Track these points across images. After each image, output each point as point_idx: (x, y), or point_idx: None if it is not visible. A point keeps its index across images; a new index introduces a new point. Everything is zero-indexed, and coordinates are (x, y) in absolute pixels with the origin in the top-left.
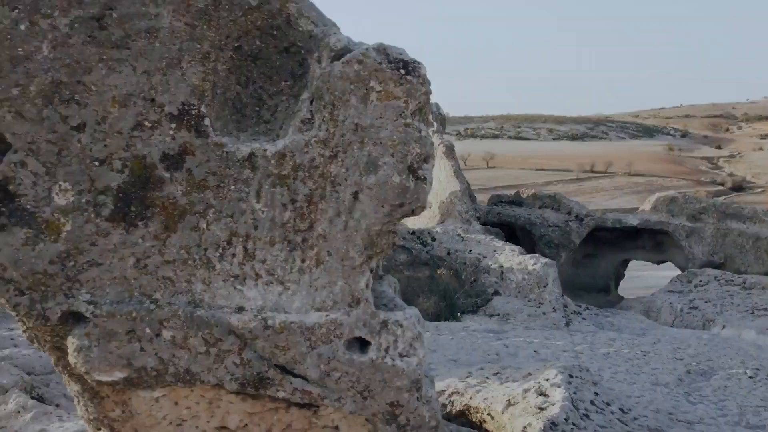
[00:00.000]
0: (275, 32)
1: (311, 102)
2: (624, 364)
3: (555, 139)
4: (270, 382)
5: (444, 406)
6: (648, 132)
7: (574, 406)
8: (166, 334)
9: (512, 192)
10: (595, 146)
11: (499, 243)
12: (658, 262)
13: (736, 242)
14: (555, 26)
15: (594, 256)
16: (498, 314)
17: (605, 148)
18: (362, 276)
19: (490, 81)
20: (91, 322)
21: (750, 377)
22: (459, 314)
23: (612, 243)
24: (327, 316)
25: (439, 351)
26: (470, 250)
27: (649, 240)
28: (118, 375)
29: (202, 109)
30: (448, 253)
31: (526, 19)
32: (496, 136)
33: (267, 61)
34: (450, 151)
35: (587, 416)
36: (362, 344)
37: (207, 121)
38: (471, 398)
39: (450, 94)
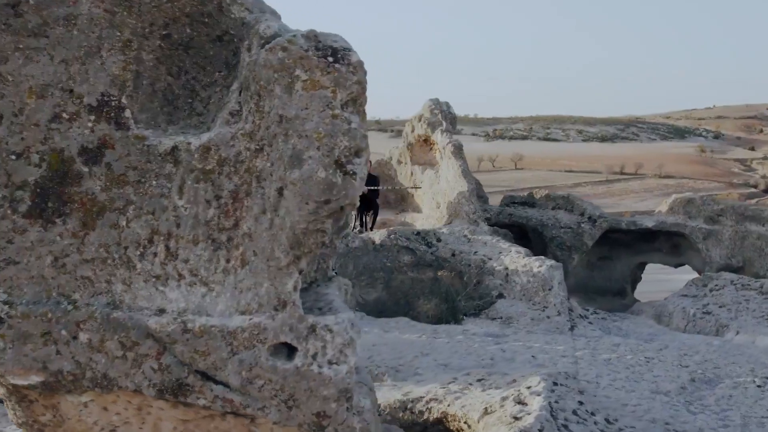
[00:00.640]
0: (207, 19)
1: (240, 93)
2: (625, 370)
3: (584, 141)
4: (190, 389)
5: (421, 413)
6: (679, 133)
7: (552, 415)
8: (83, 336)
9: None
10: (625, 148)
11: (505, 244)
12: (676, 265)
13: (755, 245)
14: (586, 25)
15: (609, 258)
16: (501, 317)
17: (635, 149)
18: (289, 278)
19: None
20: (5, 323)
21: (758, 386)
22: (461, 317)
23: (627, 245)
24: (250, 319)
25: (431, 355)
26: (475, 252)
27: (665, 242)
28: (35, 379)
29: (123, 100)
30: (453, 255)
31: (557, 18)
32: (524, 138)
33: (200, 50)
34: (458, 150)
35: (566, 427)
36: (290, 350)
37: (128, 113)
38: (449, 405)
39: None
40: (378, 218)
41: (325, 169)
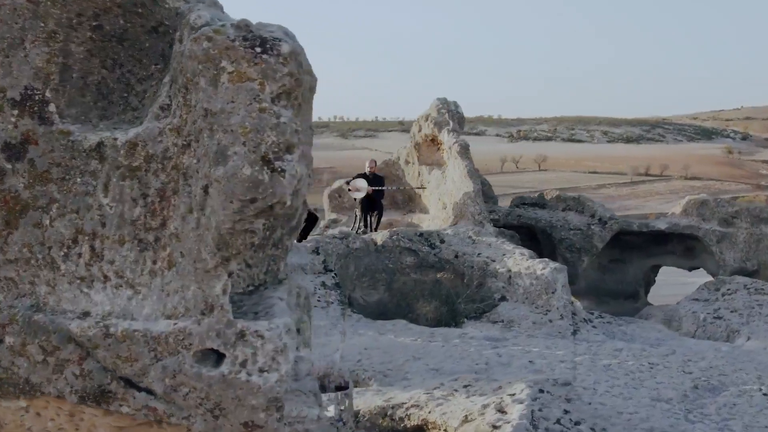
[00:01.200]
0: (140, 10)
1: (171, 86)
2: (624, 377)
3: (609, 142)
4: (112, 396)
5: (401, 419)
6: (706, 134)
7: (533, 424)
8: (7, 339)
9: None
10: (650, 149)
11: (509, 246)
12: (690, 269)
13: None
14: (612, 24)
15: (621, 261)
16: (502, 321)
17: (661, 150)
18: (217, 280)
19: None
20: None
21: (764, 394)
22: (461, 320)
23: (640, 248)
24: (175, 324)
25: (424, 359)
26: (479, 254)
27: (679, 245)
28: None
29: (47, 93)
30: (456, 256)
31: (581, 17)
32: (549, 139)
33: (135, 42)
34: (464, 150)
35: None
36: (220, 357)
37: (52, 107)
38: (430, 412)
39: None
40: (384, 219)
41: (251, 165)
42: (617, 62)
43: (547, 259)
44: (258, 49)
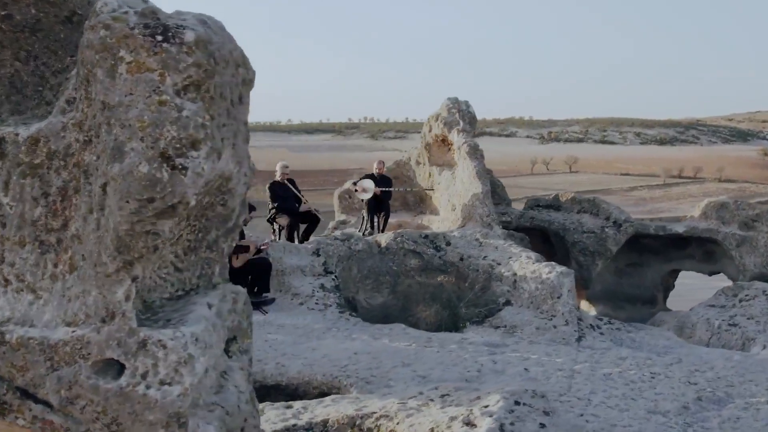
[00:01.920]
0: None
1: (77, 78)
2: (623, 387)
3: (642, 143)
4: (8, 408)
5: (369, 430)
6: (742, 136)
7: None
8: None
9: (590, 196)
10: (684, 151)
11: (516, 249)
12: (710, 273)
13: None
14: (646, 24)
15: (639, 264)
16: (505, 326)
17: (695, 152)
18: (119, 285)
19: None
20: None
21: None
22: (463, 325)
23: (657, 251)
24: (74, 332)
25: (413, 365)
26: (485, 257)
27: (698, 249)
28: None
29: None
30: (461, 259)
31: (614, 17)
32: (580, 140)
33: (49, 32)
34: (474, 151)
35: None
36: (122, 368)
37: None
38: (398, 424)
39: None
40: (394, 220)
41: (148, 162)
42: (652, 63)
43: (553, 263)
44: (159, 38)
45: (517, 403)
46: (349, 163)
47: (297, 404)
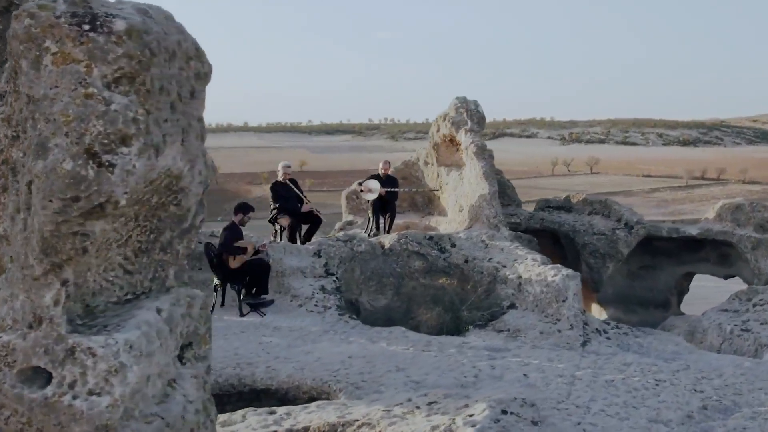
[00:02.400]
0: None
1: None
2: (625, 394)
3: (665, 144)
4: None
5: None
6: (766, 137)
7: None
8: None
9: (611, 198)
10: (707, 152)
11: (522, 251)
12: (726, 277)
13: None
14: (669, 24)
15: (652, 267)
16: (508, 330)
17: (719, 153)
18: (47, 289)
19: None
20: None
21: None
22: (465, 328)
23: (671, 254)
24: (0, 338)
25: (408, 370)
26: (490, 259)
27: (713, 251)
28: None
29: None
30: (466, 261)
31: (638, 16)
32: (602, 141)
33: None
34: (481, 151)
35: None
36: (50, 376)
37: None
38: None
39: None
40: (401, 221)
41: (73, 159)
42: (675, 63)
43: (559, 266)
44: (86, 27)
45: (504, 412)
46: (369, 164)
47: (281, 410)
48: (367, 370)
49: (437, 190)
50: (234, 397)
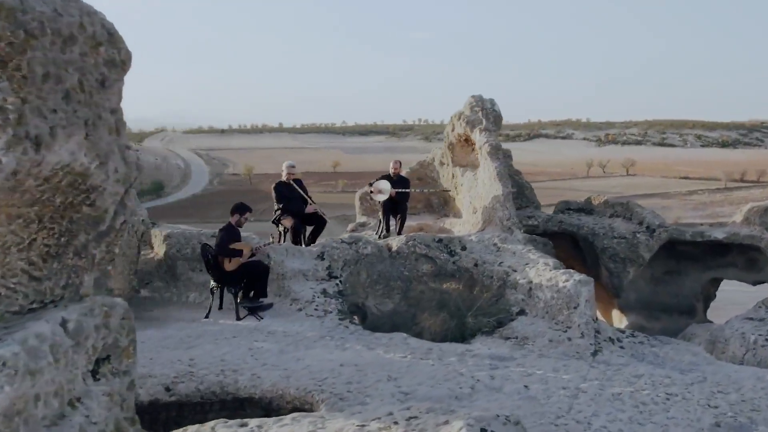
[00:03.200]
0: None
1: None
2: (632, 409)
3: (703, 146)
4: None
5: None
6: None
7: None
8: None
9: (647, 200)
10: (747, 153)
11: (534, 255)
12: (754, 283)
13: None
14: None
15: (677, 273)
16: (516, 337)
17: (759, 155)
18: None
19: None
20: None
21: None
22: (473, 335)
23: (696, 259)
24: None
25: (400, 380)
26: (500, 263)
27: (740, 256)
28: None
29: None
30: (475, 265)
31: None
32: (638, 143)
33: None
34: (495, 151)
35: None
36: None
37: None
38: None
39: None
40: (415, 223)
41: None
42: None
43: (571, 271)
44: None
45: (483, 430)
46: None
47: (253, 422)
48: (357, 379)
49: (449, 191)
50: (216, 405)
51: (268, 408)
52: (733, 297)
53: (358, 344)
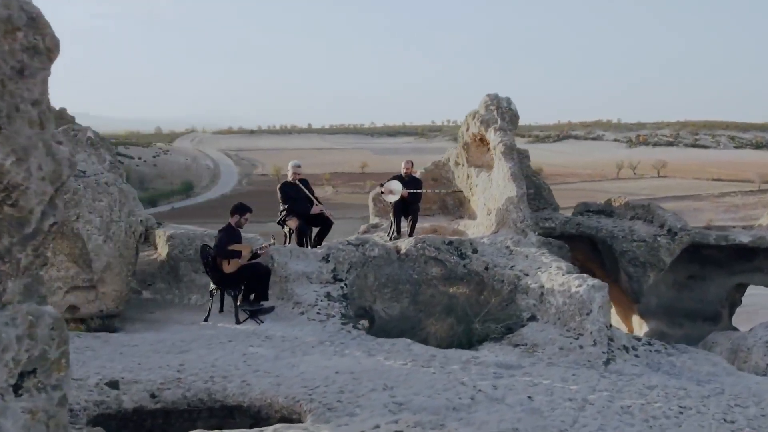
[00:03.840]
0: None
1: None
2: (641, 424)
3: (736, 147)
4: None
5: None
6: None
7: None
8: None
9: (678, 202)
10: None
11: (547, 258)
12: None
13: None
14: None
15: (701, 278)
16: (525, 344)
17: None
18: None
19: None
20: None
21: None
22: (481, 341)
23: (721, 263)
24: None
25: (396, 389)
26: (512, 266)
27: (767, 261)
28: None
29: None
30: (486, 268)
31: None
32: (670, 144)
33: None
34: (509, 150)
35: None
36: None
37: None
38: None
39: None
40: (428, 224)
41: None
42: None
43: (584, 275)
44: None
45: None
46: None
47: None
48: (350, 388)
49: (460, 191)
50: (205, 413)
51: (257, 417)
52: (766, 302)
53: (359, 350)
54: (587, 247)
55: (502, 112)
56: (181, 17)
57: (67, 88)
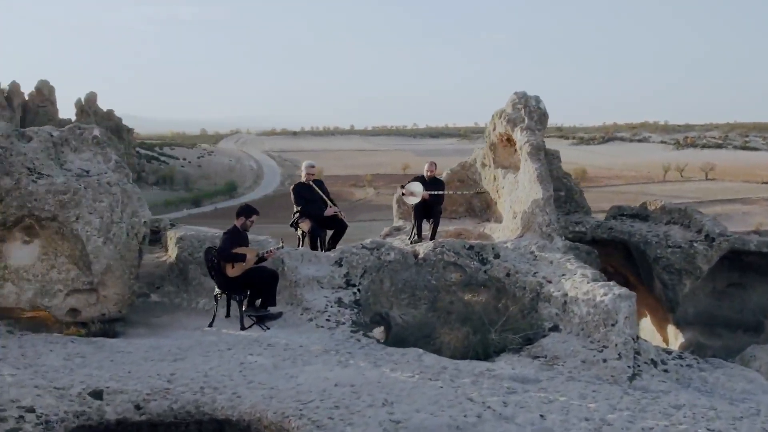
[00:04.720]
0: None
1: None
2: None
3: None
4: None
5: None
6: None
7: None
8: None
9: (727, 206)
10: None
11: (573, 265)
12: None
13: None
14: None
15: (742, 286)
16: (545, 356)
17: None
18: None
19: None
20: None
21: None
22: (495, 352)
23: (764, 271)
24: None
25: (397, 405)
26: (535, 273)
27: None
28: None
29: None
30: (507, 275)
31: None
32: (719, 146)
33: None
34: (536, 151)
35: None
36: None
37: None
38: None
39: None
40: (453, 228)
41: None
42: None
43: (611, 283)
44: None
45: None
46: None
47: None
48: (346, 403)
49: (483, 192)
50: (193, 426)
51: (247, 431)
52: None
53: (364, 360)
54: (621, 253)
55: (530, 111)
56: (230, 20)
57: (116, 90)
